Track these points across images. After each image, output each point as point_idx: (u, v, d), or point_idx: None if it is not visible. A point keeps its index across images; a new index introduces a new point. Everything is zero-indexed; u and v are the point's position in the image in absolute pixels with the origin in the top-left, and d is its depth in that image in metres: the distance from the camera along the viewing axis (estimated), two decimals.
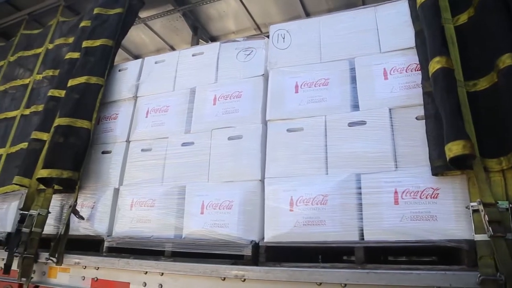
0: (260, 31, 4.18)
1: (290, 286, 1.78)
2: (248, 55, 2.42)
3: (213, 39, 4.39)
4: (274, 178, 2.03)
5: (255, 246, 1.95)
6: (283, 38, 2.37)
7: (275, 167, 2.05)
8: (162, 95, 2.55)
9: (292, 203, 1.95)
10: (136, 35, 4.43)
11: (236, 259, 1.96)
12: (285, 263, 1.86)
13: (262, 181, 2.06)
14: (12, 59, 3.72)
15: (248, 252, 1.93)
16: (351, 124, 1.99)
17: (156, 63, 2.70)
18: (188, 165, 2.25)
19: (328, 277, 1.70)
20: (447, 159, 1.56)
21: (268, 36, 2.48)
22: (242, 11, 3.96)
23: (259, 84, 2.29)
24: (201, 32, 4.22)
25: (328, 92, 2.12)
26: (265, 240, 1.95)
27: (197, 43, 4.08)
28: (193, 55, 2.58)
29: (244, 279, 1.84)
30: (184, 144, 2.31)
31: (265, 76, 2.31)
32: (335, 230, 1.84)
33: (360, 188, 1.86)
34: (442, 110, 1.63)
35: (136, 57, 4.83)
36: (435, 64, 1.71)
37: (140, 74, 2.72)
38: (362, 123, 1.97)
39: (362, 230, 1.81)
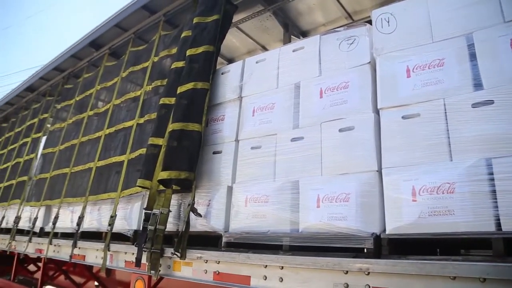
0: (352, 20, 4.06)
1: (419, 280, 1.68)
2: (351, 44, 2.36)
3: (303, 34, 4.37)
4: (393, 168, 1.93)
5: (377, 239, 1.88)
6: (388, 22, 2.26)
7: (392, 156, 1.96)
8: (266, 93, 2.59)
9: (415, 192, 1.84)
10: (228, 39, 4.56)
11: (356, 252, 1.92)
12: (410, 256, 1.77)
13: (379, 171, 1.98)
14: (124, 75, 4.09)
15: (369, 245, 1.87)
16: (475, 105, 1.82)
17: (257, 62, 2.76)
18: (299, 160, 2.26)
19: (464, 270, 1.57)
20: None
21: (369, 22, 2.39)
22: (331, 1, 3.89)
23: (366, 73, 2.21)
24: (292, 29, 4.22)
25: (445, 73, 1.96)
26: (387, 232, 1.87)
27: (289, 40, 4.09)
28: (293, 51, 2.59)
29: (369, 273, 1.79)
30: (293, 140, 2.32)
31: (372, 64, 2.23)
32: (466, 220, 1.70)
33: (492, 173, 1.69)
34: None
35: (229, 60, 5.00)
36: None
37: (243, 75, 2.80)
38: (489, 102, 1.79)
39: (498, 219, 1.64)
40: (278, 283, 2.06)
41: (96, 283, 4.99)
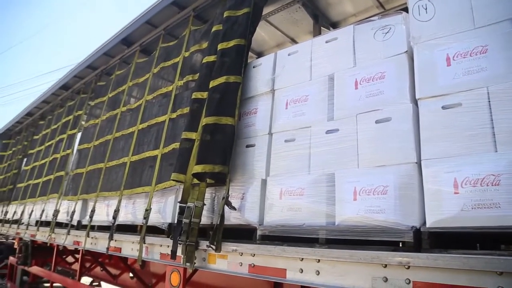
0: (384, 8, 3.96)
1: (463, 275, 1.63)
2: (386, 33, 2.30)
3: (333, 25, 4.30)
4: (433, 160, 1.88)
5: (417, 232, 1.83)
6: (425, 9, 2.19)
7: (432, 147, 1.90)
8: (299, 85, 2.57)
9: (457, 184, 1.78)
10: (257, 32, 4.53)
11: (394, 246, 1.88)
12: (451, 250, 1.72)
13: (418, 163, 1.93)
14: (155, 71, 4.15)
15: (409, 238, 1.82)
16: None
17: (289, 55, 2.74)
18: (334, 152, 2.23)
19: None
20: None
21: (404, 10, 2.33)
22: None
23: (403, 62, 2.15)
24: (322, 20, 4.16)
25: (488, 60, 1.88)
26: (427, 226, 1.82)
27: (319, 31, 4.03)
28: (326, 42, 2.55)
29: (409, 266, 1.75)
30: (328, 132, 2.29)
31: (409, 53, 2.16)
32: None
33: None
34: None
35: (258, 54, 4.99)
36: None
37: (275, 68, 2.79)
38: None
39: None
40: (314, 276, 2.04)
41: (130, 275, 5.13)
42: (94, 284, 6.45)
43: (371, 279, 1.84)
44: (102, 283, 6.42)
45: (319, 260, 2.03)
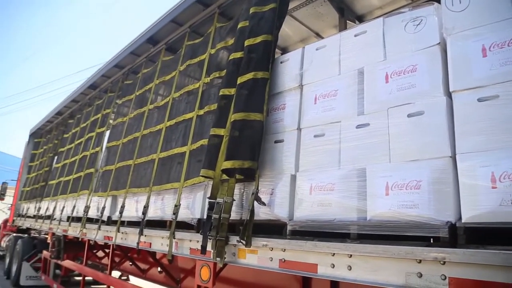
0: (411, 0, 3.88)
1: (502, 272, 1.58)
2: (417, 25, 2.25)
3: (359, 18, 4.25)
4: (468, 153, 1.83)
5: (452, 227, 1.80)
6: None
7: (467, 141, 1.86)
8: (328, 80, 2.55)
9: (494, 179, 1.73)
10: (281, 28, 4.55)
11: (424, 241, 1.86)
12: (488, 246, 1.68)
13: (453, 157, 1.89)
14: (181, 68, 4.20)
15: (444, 233, 1.79)
16: None
17: (317, 49, 2.72)
18: (365, 147, 2.21)
19: None
20: None
21: (435, 1, 2.27)
22: None
23: (435, 54, 2.10)
24: (347, 13, 4.11)
25: None
26: (463, 221, 1.78)
27: (345, 25, 3.99)
28: (355, 36, 2.52)
29: (444, 262, 1.71)
30: (358, 126, 2.27)
31: (442, 45, 2.11)
32: None
33: None
34: None
35: (283, 49, 4.98)
36: None
37: (303, 63, 2.77)
38: None
39: None
40: (346, 271, 2.04)
41: (159, 269, 5.23)
42: (122, 278, 6.61)
43: (404, 275, 1.82)
44: (130, 277, 6.57)
45: (351, 255, 2.02)
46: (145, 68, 5.30)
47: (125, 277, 6.77)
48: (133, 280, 6.54)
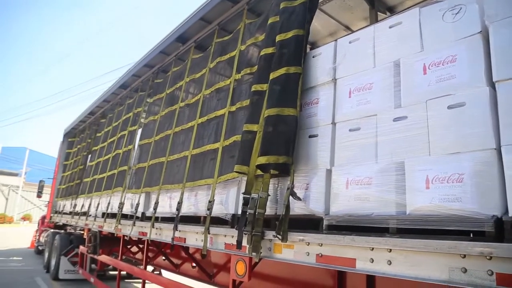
0: None
1: None
2: (456, 13, 2.19)
3: (390, 9, 4.16)
4: None
5: (498, 221, 1.75)
6: None
7: None
8: (363, 73, 2.52)
9: None
10: None
11: (468, 235, 1.81)
12: None
13: (497, 149, 1.83)
14: (212, 65, 4.25)
15: (490, 227, 1.74)
16: None
17: (350, 42, 2.69)
18: (403, 140, 2.17)
19: None
20: None
21: None
22: None
23: (476, 43, 2.03)
24: (378, 5, 4.04)
25: None
26: (510, 215, 1.73)
27: (376, 17, 3.93)
28: (390, 27, 2.47)
29: (491, 257, 1.67)
30: (396, 120, 2.23)
31: (483, 33, 2.05)
32: None
33: None
34: None
35: (312, 44, 4.95)
36: None
37: (335, 57, 2.75)
38: None
39: None
40: (386, 266, 2.01)
41: (193, 264, 5.32)
42: (155, 272, 6.76)
43: (448, 270, 1.79)
44: (163, 271, 6.71)
45: (390, 250, 2.00)
46: (175, 67, 5.38)
47: (157, 272, 6.92)
48: (166, 274, 6.70)
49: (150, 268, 6.69)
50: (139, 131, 5.96)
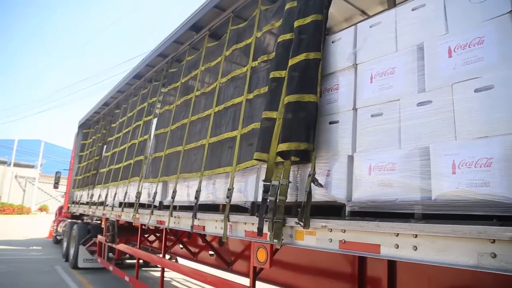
0: None
1: None
2: None
3: None
4: None
5: None
6: None
7: None
8: (384, 58, 2.47)
9: None
10: None
11: (492, 220, 1.79)
12: None
13: None
14: (227, 53, 4.22)
15: None
16: None
17: (371, 27, 2.64)
18: (427, 125, 2.13)
19: None
20: None
21: None
22: None
23: (506, 24, 1.97)
24: None
25: None
26: None
27: (394, 1, 3.84)
28: (412, 10, 2.41)
29: None
30: (420, 104, 2.20)
31: None
32: None
33: None
34: None
35: (327, 30, 4.86)
36: None
37: (356, 42, 2.70)
38: None
39: None
40: (411, 252, 2.00)
41: (210, 252, 5.38)
42: (172, 261, 6.86)
43: (476, 255, 1.77)
44: (179, 259, 6.80)
45: (416, 235, 1.98)
46: (189, 56, 5.37)
47: (174, 260, 7.02)
48: (182, 263, 6.79)
49: (167, 257, 6.78)
50: (155, 121, 5.99)
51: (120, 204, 6.45)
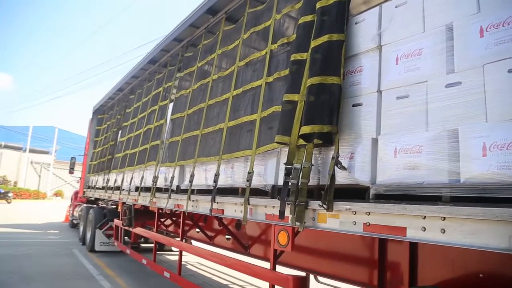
0: None
1: None
2: None
3: None
4: None
5: None
6: None
7: None
8: (411, 38, 2.41)
9: None
10: None
11: None
12: None
13: None
14: (245, 36, 4.18)
15: None
16: None
17: (396, 7, 2.57)
18: (456, 107, 2.09)
19: None
20: None
21: None
22: None
23: None
24: None
25: None
26: None
27: None
28: None
29: None
30: (448, 86, 2.15)
31: None
32: None
33: None
34: None
35: None
36: None
37: (380, 23, 2.64)
38: None
39: None
40: (439, 234, 1.98)
41: (227, 236, 5.42)
42: None
43: (508, 238, 1.74)
44: (195, 243, 6.88)
45: (444, 218, 1.96)
46: (205, 40, 5.33)
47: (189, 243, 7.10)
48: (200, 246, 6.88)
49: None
50: (170, 106, 6.00)
51: (137, 188, 6.52)
